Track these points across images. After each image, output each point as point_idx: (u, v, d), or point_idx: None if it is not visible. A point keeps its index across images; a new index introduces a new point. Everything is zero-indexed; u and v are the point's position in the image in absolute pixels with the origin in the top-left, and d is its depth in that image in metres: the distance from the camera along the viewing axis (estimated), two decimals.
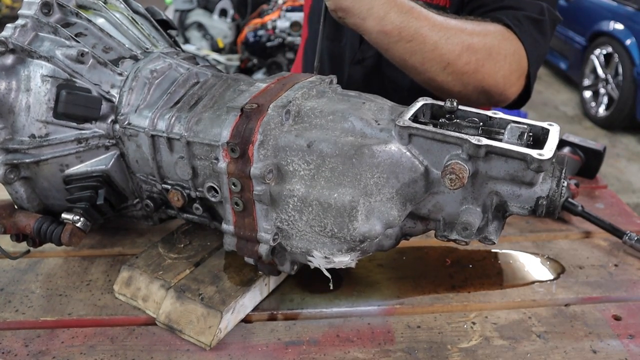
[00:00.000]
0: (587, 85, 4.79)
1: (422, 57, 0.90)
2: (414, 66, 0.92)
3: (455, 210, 0.69)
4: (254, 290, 0.78)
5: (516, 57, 0.96)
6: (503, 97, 0.99)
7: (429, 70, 0.92)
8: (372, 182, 0.66)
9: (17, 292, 0.82)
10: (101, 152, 0.79)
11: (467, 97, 0.96)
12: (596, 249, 0.95)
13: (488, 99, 0.99)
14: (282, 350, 0.73)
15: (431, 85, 0.96)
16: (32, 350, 0.72)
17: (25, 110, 0.75)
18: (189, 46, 4.40)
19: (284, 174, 0.68)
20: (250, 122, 0.67)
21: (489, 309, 0.80)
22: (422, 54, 0.89)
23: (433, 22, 0.89)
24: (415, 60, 0.90)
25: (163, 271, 0.80)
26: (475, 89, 0.95)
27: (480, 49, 0.92)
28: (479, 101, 0.99)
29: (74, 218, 0.76)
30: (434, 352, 0.72)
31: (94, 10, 0.83)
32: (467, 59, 0.91)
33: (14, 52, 0.74)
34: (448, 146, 0.64)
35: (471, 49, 0.91)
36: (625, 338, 0.75)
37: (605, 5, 4.76)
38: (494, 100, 1.00)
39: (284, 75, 0.78)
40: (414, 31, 0.87)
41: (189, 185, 0.77)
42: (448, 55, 0.90)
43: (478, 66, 0.92)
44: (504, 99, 1.00)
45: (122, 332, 0.75)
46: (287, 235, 0.71)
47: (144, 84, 0.78)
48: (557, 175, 0.67)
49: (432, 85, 0.96)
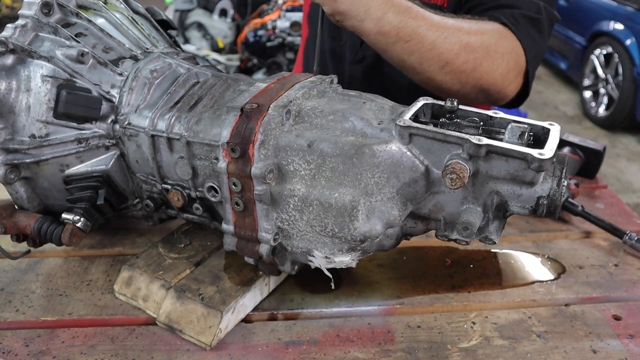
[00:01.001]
0: (587, 85, 4.79)
1: (420, 56, 0.90)
2: (413, 66, 0.92)
3: (455, 209, 0.69)
4: (254, 290, 0.78)
5: (514, 55, 0.96)
6: (501, 95, 0.99)
7: (427, 69, 0.92)
8: (373, 182, 0.66)
9: (17, 292, 0.82)
10: (101, 152, 0.79)
11: (465, 96, 0.96)
12: (596, 249, 0.95)
13: (487, 98, 0.99)
14: (282, 350, 0.73)
15: (430, 85, 0.97)
16: (33, 350, 0.72)
17: (26, 111, 0.75)
18: (189, 46, 4.40)
19: (285, 174, 0.68)
20: (251, 122, 0.67)
21: (489, 309, 0.80)
22: (420, 53, 0.90)
23: (431, 22, 0.89)
24: (414, 60, 0.91)
25: (163, 271, 0.80)
26: (474, 88, 0.95)
27: (478, 48, 0.92)
28: (477, 100, 0.99)
29: (74, 218, 0.76)
30: (434, 352, 0.72)
31: (94, 11, 0.83)
32: (465, 58, 0.91)
33: (14, 52, 0.74)
34: (449, 146, 0.64)
35: (469, 48, 0.91)
36: (625, 338, 0.75)
37: (605, 5, 4.76)
38: (493, 99, 1.00)
39: (283, 75, 0.78)
40: (412, 31, 0.88)
41: (189, 185, 0.77)
42: (446, 54, 0.90)
43: (476, 65, 0.92)
44: (503, 97, 1.00)
45: (123, 332, 0.75)
46: (288, 235, 0.71)
47: (144, 84, 0.78)
48: (557, 175, 0.67)
49: (431, 85, 0.96)
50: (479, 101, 1.00)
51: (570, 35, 5.13)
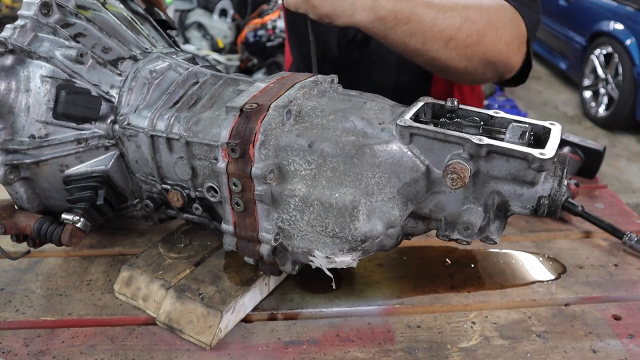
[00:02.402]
0: (587, 85, 4.80)
1: (422, 37, 0.88)
2: (416, 48, 0.90)
3: (456, 209, 0.69)
4: (254, 290, 0.78)
5: (515, 23, 0.95)
6: (508, 66, 0.98)
7: (431, 49, 0.90)
8: (374, 182, 0.66)
9: (17, 292, 0.82)
10: (101, 152, 0.79)
11: (473, 72, 0.95)
12: (596, 248, 0.95)
13: (494, 71, 0.98)
14: (282, 350, 0.72)
15: (435, 66, 0.95)
16: (33, 350, 0.72)
17: (25, 111, 0.75)
18: (189, 46, 4.41)
19: (285, 174, 0.68)
20: (251, 122, 0.67)
21: (489, 308, 0.80)
22: (422, 33, 0.88)
23: (426, 0, 0.88)
24: (416, 41, 0.89)
25: (163, 271, 0.79)
26: (481, 62, 0.94)
27: (479, 20, 0.91)
28: (485, 75, 0.98)
29: (74, 218, 0.76)
30: (433, 352, 0.72)
31: (93, 11, 0.83)
32: (468, 31, 0.90)
33: (13, 53, 0.74)
34: (449, 145, 0.64)
35: (470, 20, 0.90)
36: (625, 338, 0.75)
37: (605, 5, 4.76)
38: (500, 72, 0.99)
39: (283, 75, 0.78)
40: (409, 12, 0.86)
41: (189, 185, 0.77)
42: (448, 30, 0.88)
43: (480, 37, 0.91)
44: (509, 69, 0.99)
45: (122, 331, 0.75)
46: (289, 235, 0.71)
47: (143, 84, 0.78)
48: (558, 175, 0.67)
49: (437, 65, 0.94)
50: (487, 76, 0.99)
51: (570, 35, 5.14)
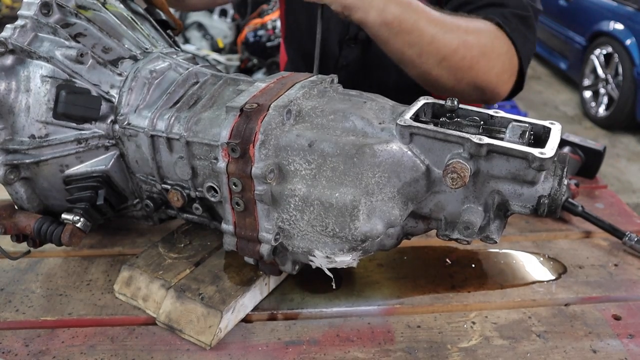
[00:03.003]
0: (587, 85, 4.80)
1: (419, 49, 0.92)
2: (411, 59, 0.94)
3: (456, 209, 0.69)
4: (254, 290, 0.78)
5: (508, 56, 0.99)
6: (495, 94, 1.02)
7: (425, 63, 0.94)
8: (374, 182, 0.66)
9: (17, 292, 0.82)
10: (101, 152, 0.79)
11: (460, 93, 0.98)
12: (596, 248, 0.95)
13: (480, 96, 1.01)
14: (282, 350, 0.72)
15: (426, 80, 0.98)
16: (33, 350, 0.72)
17: (25, 111, 0.75)
18: (189, 46, 4.40)
19: (285, 174, 0.68)
20: (251, 121, 0.67)
21: (489, 308, 0.80)
22: (420, 46, 0.92)
23: (430, 16, 0.92)
24: (413, 52, 0.92)
25: (163, 271, 0.79)
26: (469, 85, 0.97)
27: (475, 46, 0.94)
28: (470, 97, 1.01)
29: (74, 218, 0.76)
30: (434, 352, 0.72)
31: (93, 11, 0.83)
32: (462, 55, 0.93)
33: (13, 53, 0.74)
34: (449, 145, 0.64)
35: (467, 46, 0.93)
36: (625, 338, 0.75)
37: (605, 5, 4.76)
38: (486, 97, 1.03)
39: (283, 75, 0.78)
40: (413, 23, 0.90)
41: (189, 185, 0.77)
42: (444, 49, 0.92)
43: (473, 63, 0.94)
44: (496, 97, 1.03)
45: (122, 331, 0.75)
46: (289, 235, 0.71)
47: (144, 84, 0.78)
48: (558, 174, 0.67)
49: (427, 79, 0.98)
50: (472, 99, 1.01)
51: (570, 35, 5.14)
